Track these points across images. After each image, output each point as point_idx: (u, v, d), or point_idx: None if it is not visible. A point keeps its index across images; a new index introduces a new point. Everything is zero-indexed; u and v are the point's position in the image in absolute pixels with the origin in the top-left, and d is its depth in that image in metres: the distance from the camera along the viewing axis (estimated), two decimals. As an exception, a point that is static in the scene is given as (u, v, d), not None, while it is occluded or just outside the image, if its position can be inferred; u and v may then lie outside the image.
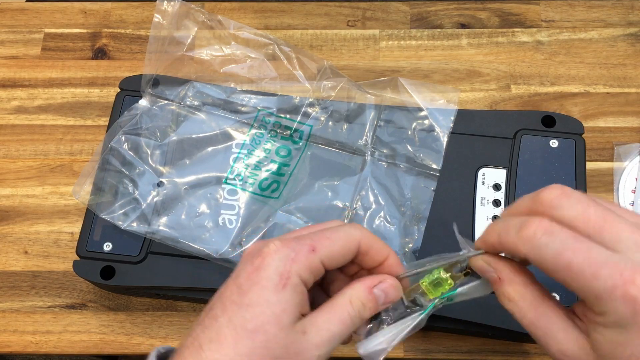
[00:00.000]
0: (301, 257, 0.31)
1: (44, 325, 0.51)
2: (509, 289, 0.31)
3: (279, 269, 0.31)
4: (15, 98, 0.59)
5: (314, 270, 0.32)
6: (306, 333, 0.31)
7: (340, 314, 0.32)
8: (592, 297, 0.28)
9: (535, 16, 0.62)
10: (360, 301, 0.33)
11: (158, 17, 0.52)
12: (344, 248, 0.33)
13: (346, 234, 0.33)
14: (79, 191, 0.49)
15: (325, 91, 0.53)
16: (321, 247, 0.32)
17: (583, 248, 0.28)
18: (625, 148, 0.55)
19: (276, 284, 0.31)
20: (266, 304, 0.30)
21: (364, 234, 0.34)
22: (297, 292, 0.31)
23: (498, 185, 0.50)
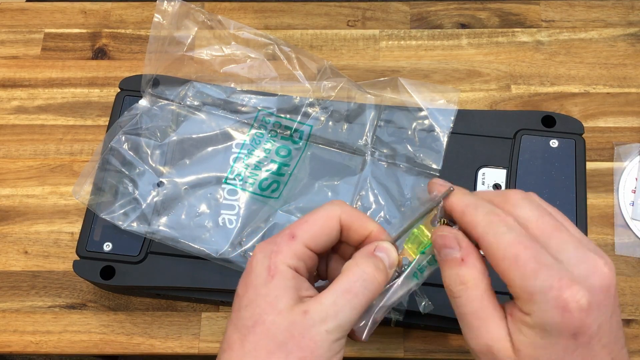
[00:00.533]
0: (282, 247, 0.32)
1: (44, 325, 0.51)
2: (467, 272, 0.31)
3: (264, 264, 0.31)
4: (15, 98, 0.59)
5: (300, 256, 0.32)
6: (307, 312, 0.30)
7: (346, 283, 0.31)
8: (526, 295, 0.28)
9: (535, 16, 0.62)
10: (370, 272, 0.32)
11: (158, 17, 0.52)
12: (324, 227, 0.33)
13: (324, 212, 0.33)
14: (79, 191, 0.49)
15: (325, 91, 0.53)
16: (300, 231, 0.32)
17: (534, 247, 0.29)
18: (625, 148, 0.55)
19: (265, 278, 0.31)
20: (259, 298, 0.31)
21: (344, 209, 0.34)
22: (287, 278, 0.31)
23: (498, 185, 0.50)
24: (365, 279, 0.31)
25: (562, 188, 0.49)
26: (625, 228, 0.53)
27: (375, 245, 0.33)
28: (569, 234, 0.30)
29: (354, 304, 0.31)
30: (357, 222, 0.34)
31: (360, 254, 0.33)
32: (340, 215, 0.33)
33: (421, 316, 0.44)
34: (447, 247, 0.32)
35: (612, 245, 0.52)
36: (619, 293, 0.51)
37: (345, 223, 0.34)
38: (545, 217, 0.30)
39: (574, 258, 0.29)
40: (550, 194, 0.49)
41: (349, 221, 0.34)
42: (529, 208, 0.31)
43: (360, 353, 0.49)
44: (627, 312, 0.50)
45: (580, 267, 0.29)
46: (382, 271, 0.32)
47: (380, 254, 0.33)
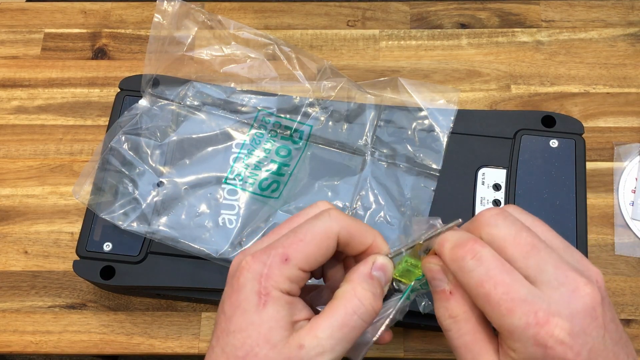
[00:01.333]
0: (274, 271, 0.30)
1: (44, 325, 0.51)
2: (456, 305, 0.30)
3: (254, 288, 0.29)
4: (15, 98, 0.59)
5: (293, 279, 0.30)
6: (303, 347, 0.29)
7: (344, 315, 0.30)
8: (506, 332, 0.28)
9: (535, 16, 0.62)
10: (368, 292, 0.31)
11: (158, 17, 0.52)
12: (320, 247, 0.31)
13: (322, 229, 0.31)
14: (79, 191, 0.49)
15: (325, 91, 0.53)
16: (294, 253, 0.30)
17: (505, 281, 0.28)
18: (625, 148, 0.55)
19: (256, 304, 0.29)
20: (251, 327, 0.29)
21: (342, 224, 0.31)
22: (280, 306, 0.29)
23: (498, 185, 0.50)
24: (364, 312, 0.30)
25: (562, 188, 0.49)
26: (625, 228, 0.53)
27: (372, 262, 0.32)
28: (548, 252, 0.28)
29: (351, 337, 0.30)
30: (357, 238, 0.32)
31: (358, 276, 0.31)
32: (338, 232, 0.31)
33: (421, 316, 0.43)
34: (435, 278, 0.31)
35: (612, 245, 0.52)
36: (619, 293, 0.51)
37: (343, 240, 0.32)
38: (522, 235, 0.29)
39: (553, 280, 0.27)
40: (550, 194, 0.49)
41: (348, 237, 0.32)
42: (504, 225, 0.29)
43: (360, 353, 0.49)
44: (627, 312, 0.50)
45: (561, 290, 0.27)
46: (378, 297, 0.31)
47: (377, 273, 0.31)
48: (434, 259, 0.31)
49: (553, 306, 0.27)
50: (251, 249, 0.32)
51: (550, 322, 0.27)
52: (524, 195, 0.49)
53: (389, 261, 0.33)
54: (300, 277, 0.31)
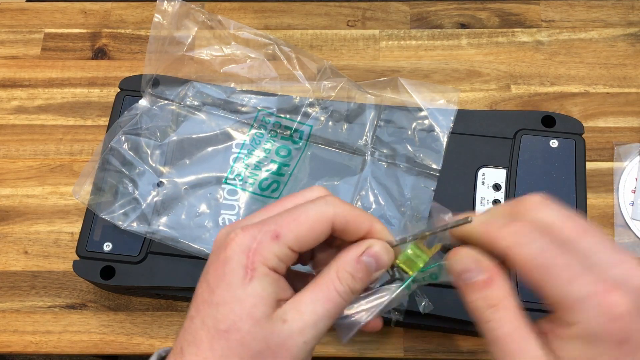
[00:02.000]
0: (264, 246, 0.29)
1: (44, 325, 0.51)
2: (495, 293, 0.29)
3: (241, 261, 0.29)
4: (15, 98, 0.59)
5: (281, 257, 0.30)
6: (286, 321, 0.29)
7: (327, 291, 0.30)
8: (566, 304, 0.27)
9: (535, 16, 0.62)
10: (348, 273, 0.30)
11: (158, 17, 0.52)
12: (312, 230, 0.30)
13: (316, 213, 0.31)
14: (79, 191, 0.49)
15: (325, 91, 0.53)
16: (286, 231, 0.30)
17: (564, 254, 0.27)
18: (625, 148, 0.55)
19: (242, 278, 0.29)
20: (235, 301, 0.29)
21: (338, 210, 0.31)
22: (266, 282, 0.29)
23: (498, 185, 0.50)
24: (343, 291, 0.30)
25: (562, 188, 0.49)
26: (625, 228, 0.53)
27: (365, 247, 0.31)
28: (600, 235, 0.28)
29: (333, 313, 0.30)
30: (352, 224, 0.31)
31: (345, 256, 0.31)
32: (333, 218, 0.31)
33: (421, 316, 0.44)
34: (468, 270, 0.30)
35: (612, 245, 0.52)
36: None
37: (339, 226, 0.31)
38: (569, 220, 0.29)
39: (607, 261, 0.27)
40: (550, 194, 0.48)
41: (344, 223, 0.31)
42: (550, 211, 0.29)
43: (361, 353, 0.49)
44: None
45: (616, 270, 0.27)
46: (362, 280, 0.31)
47: (367, 259, 0.31)
48: (463, 251, 0.31)
49: (614, 279, 0.26)
50: (241, 222, 0.31)
51: (616, 291, 0.26)
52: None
53: (386, 250, 0.32)
54: (289, 256, 0.30)
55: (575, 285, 0.26)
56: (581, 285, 0.26)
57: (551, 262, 0.27)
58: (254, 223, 0.30)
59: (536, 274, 0.27)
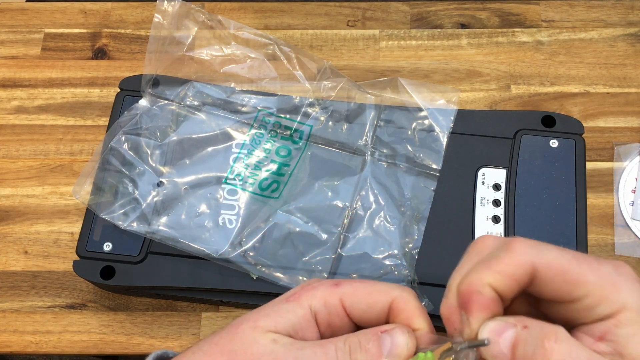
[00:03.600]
0: (320, 288, 0.29)
1: (44, 325, 0.51)
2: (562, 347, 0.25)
3: (294, 291, 0.29)
4: (15, 98, 0.59)
5: (328, 305, 0.28)
6: (275, 353, 0.27)
7: (327, 347, 0.27)
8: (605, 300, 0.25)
9: (535, 16, 0.62)
10: (357, 339, 0.28)
11: (158, 17, 0.52)
12: (370, 296, 0.29)
13: (381, 287, 0.29)
14: (79, 191, 0.49)
15: (325, 91, 0.53)
16: (346, 285, 0.29)
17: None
18: (625, 148, 0.55)
19: (280, 299, 0.29)
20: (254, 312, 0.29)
21: (402, 295, 0.29)
22: (294, 312, 0.28)
23: (498, 185, 0.50)
24: (352, 356, 0.27)
25: (562, 188, 0.49)
26: (625, 228, 0.53)
27: (388, 328, 0.28)
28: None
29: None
30: (407, 311, 0.29)
31: (364, 330, 0.28)
32: (394, 298, 0.29)
33: (421, 316, 0.43)
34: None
35: (612, 245, 0.52)
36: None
37: (395, 308, 0.29)
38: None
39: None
40: (550, 194, 0.49)
41: (401, 307, 0.29)
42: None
43: (360, 353, 0.49)
44: (627, 312, 0.50)
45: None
46: (367, 353, 0.27)
47: (386, 337, 0.28)
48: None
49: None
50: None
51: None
52: (524, 196, 0.49)
53: (410, 336, 0.28)
54: (337, 308, 0.29)
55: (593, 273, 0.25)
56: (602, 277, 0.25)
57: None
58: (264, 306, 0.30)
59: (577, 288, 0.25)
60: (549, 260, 0.26)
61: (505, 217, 0.48)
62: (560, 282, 0.26)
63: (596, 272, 0.26)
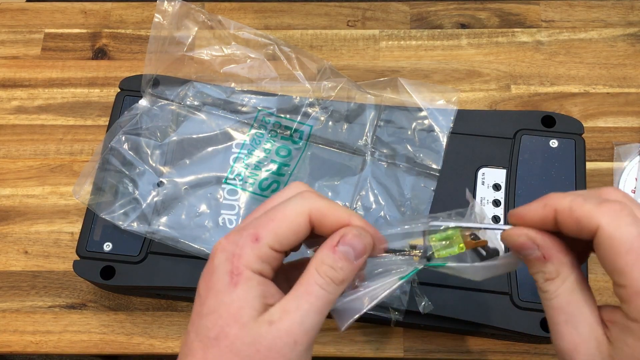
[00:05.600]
0: (246, 250, 0.29)
1: (44, 325, 0.51)
2: (552, 267, 0.29)
3: (226, 268, 0.29)
4: (16, 98, 0.59)
5: (265, 259, 0.30)
6: (273, 322, 0.28)
7: (308, 286, 0.29)
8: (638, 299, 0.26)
9: (535, 16, 0.62)
10: (326, 265, 0.29)
11: (158, 17, 0.52)
12: (291, 227, 0.30)
13: (292, 209, 0.30)
14: (79, 191, 0.49)
15: (325, 91, 0.53)
16: (265, 232, 0.30)
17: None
18: (625, 148, 0.55)
19: (227, 284, 0.29)
20: (222, 307, 0.29)
21: (314, 204, 0.30)
22: (252, 286, 0.29)
23: (498, 185, 0.50)
24: (337, 281, 0.29)
25: (562, 188, 0.49)
26: (625, 228, 0.53)
27: (340, 235, 0.30)
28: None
29: (320, 308, 0.29)
30: (329, 217, 0.31)
31: (322, 250, 0.30)
32: (309, 211, 0.30)
33: (421, 316, 0.44)
34: (527, 248, 0.30)
35: (612, 245, 0.52)
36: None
37: (316, 220, 0.30)
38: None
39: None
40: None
41: (320, 217, 0.30)
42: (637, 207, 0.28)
43: (361, 353, 0.49)
44: (627, 312, 0.50)
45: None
46: (344, 270, 0.30)
47: (343, 247, 0.30)
48: (520, 230, 0.30)
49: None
50: (226, 235, 0.31)
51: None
52: (524, 195, 0.49)
53: (361, 235, 0.31)
54: (272, 256, 0.30)
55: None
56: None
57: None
58: (235, 229, 0.31)
59: (625, 258, 0.26)
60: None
61: (505, 217, 0.49)
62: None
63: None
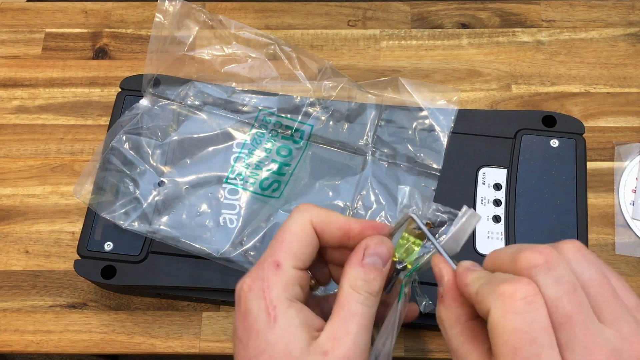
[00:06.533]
0: (272, 280, 0.30)
1: (44, 324, 0.51)
2: (442, 309, 0.30)
3: (260, 305, 0.29)
4: (16, 98, 0.59)
5: (292, 281, 0.30)
6: (327, 353, 0.28)
7: (350, 306, 0.30)
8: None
9: (536, 16, 0.62)
10: (360, 281, 0.30)
11: (159, 16, 0.52)
12: (302, 241, 0.31)
13: (296, 224, 0.31)
14: (80, 190, 0.49)
15: (326, 91, 0.53)
16: (282, 255, 0.30)
17: (542, 343, 0.25)
18: (626, 148, 0.55)
19: (266, 322, 0.29)
20: (269, 347, 0.29)
21: (313, 213, 0.32)
22: (292, 316, 0.29)
23: (499, 185, 0.50)
24: (373, 292, 0.30)
25: (563, 188, 0.49)
26: (625, 228, 0.53)
27: (362, 250, 0.31)
28: (584, 327, 0.25)
29: (367, 324, 0.30)
30: (330, 223, 0.32)
31: (351, 268, 0.31)
32: (311, 220, 0.31)
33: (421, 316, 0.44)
34: (436, 279, 0.31)
35: (613, 245, 0.52)
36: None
37: (318, 226, 0.31)
38: (573, 297, 0.25)
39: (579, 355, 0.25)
40: (551, 193, 0.49)
41: (322, 223, 0.31)
42: (553, 281, 0.26)
43: (361, 352, 0.49)
44: (628, 311, 0.50)
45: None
46: (376, 279, 0.31)
47: (370, 259, 0.31)
48: (437, 261, 0.31)
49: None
50: (248, 272, 0.32)
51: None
52: (524, 195, 0.49)
53: (381, 242, 0.32)
54: (298, 276, 0.31)
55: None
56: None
57: (523, 347, 0.24)
58: (255, 265, 0.31)
59: (502, 348, 0.25)
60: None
61: (505, 217, 0.49)
62: None
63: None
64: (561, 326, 0.25)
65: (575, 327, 0.25)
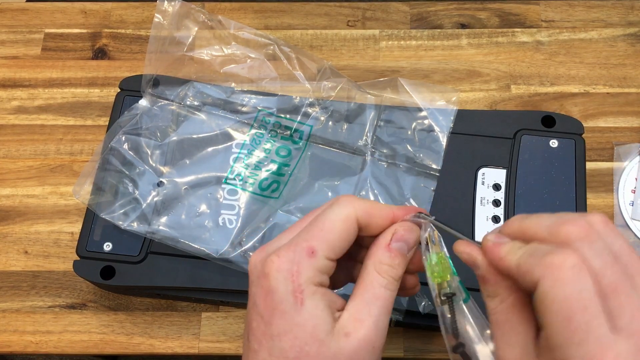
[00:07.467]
0: (303, 266, 0.30)
1: (44, 325, 0.51)
2: (490, 288, 0.30)
3: (288, 288, 0.29)
4: (16, 98, 0.59)
5: (323, 270, 0.30)
6: (349, 334, 0.29)
7: (374, 290, 0.30)
8: (563, 352, 0.26)
9: (535, 16, 0.62)
10: (385, 265, 0.31)
11: (158, 17, 0.52)
12: (342, 235, 0.31)
13: (340, 216, 0.31)
14: (79, 191, 0.49)
15: (325, 91, 0.53)
16: (318, 244, 0.30)
17: (592, 311, 0.25)
18: (625, 148, 0.55)
19: (294, 304, 0.29)
20: (296, 328, 0.29)
21: (357, 207, 0.32)
22: (317, 300, 0.30)
23: (498, 185, 0.50)
24: (389, 282, 0.31)
25: (562, 188, 0.49)
26: (625, 228, 0.53)
27: (390, 234, 0.32)
28: (632, 294, 0.26)
29: (388, 308, 0.30)
30: (376, 217, 0.32)
31: (377, 251, 0.31)
32: (356, 214, 0.31)
33: (421, 316, 0.44)
34: (469, 264, 0.31)
35: (612, 245, 0.52)
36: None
37: (363, 221, 0.32)
38: (614, 268, 0.26)
39: (627, 328, 0.25)
40: (550, 194, 0.49)
41: (367, 218, 0.32)
42: (596, 252, 0.26)
43: (360, 353, 0.49)
44: (627, 312, 0.50)
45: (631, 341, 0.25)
46: (400, 265, 0.31)
47: (396, 244, 0.31)
48: (463, 248, 0.31)
49: (619, 356, 0.25)
50: (272, 245, 0.32)
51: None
52: (524, 196, 0.49)
53: (410, 228, 0.32)
54: (329, 266, 0.31)
55: (583, 346, 0.25)
56: (588, 348, 0.25)
57: (576, 315, 0.25)
58: (286, 245, 0.31)
59: (556, 315, 0.26)
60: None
61: (505, 217, 0.49)
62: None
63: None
64: (607, 295, 0.26)
65: (621, 295, 0.26)
